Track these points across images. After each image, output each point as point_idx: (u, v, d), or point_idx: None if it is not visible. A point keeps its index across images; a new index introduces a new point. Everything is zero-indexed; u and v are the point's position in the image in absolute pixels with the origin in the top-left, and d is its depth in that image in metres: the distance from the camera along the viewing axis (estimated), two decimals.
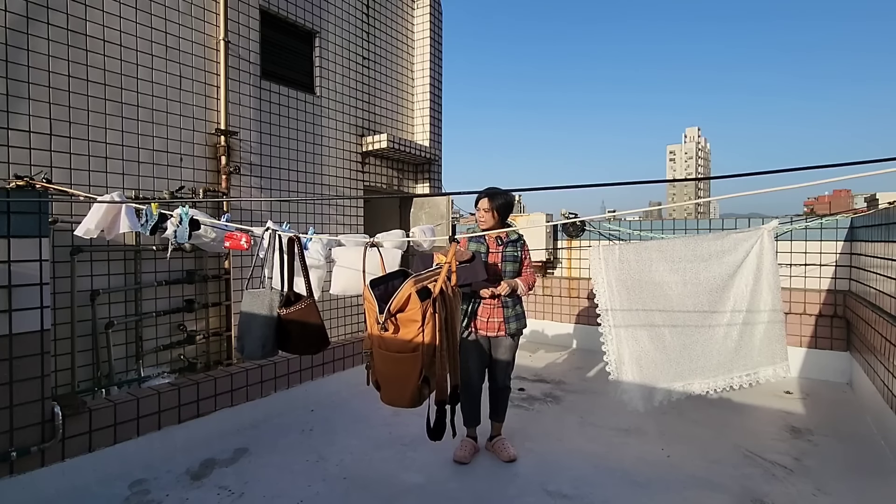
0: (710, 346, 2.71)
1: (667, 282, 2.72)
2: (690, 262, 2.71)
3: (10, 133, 3.04)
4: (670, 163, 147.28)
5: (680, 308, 2.71)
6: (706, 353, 2.70)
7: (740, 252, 2.71)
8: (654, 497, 2.60)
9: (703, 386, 2.71)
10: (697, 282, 2.70)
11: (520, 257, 3.04)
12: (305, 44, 5.09)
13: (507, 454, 2.99)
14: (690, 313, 2.71)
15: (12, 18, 3.05)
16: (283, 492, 2.64)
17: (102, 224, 2.42)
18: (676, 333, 2.71)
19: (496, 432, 3.13)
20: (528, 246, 3.13)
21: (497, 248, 2.98)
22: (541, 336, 6.19)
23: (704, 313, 2.71)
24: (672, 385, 2.69)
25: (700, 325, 2.70)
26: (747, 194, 1.66)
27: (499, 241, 3.00)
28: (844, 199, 74.07)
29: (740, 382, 2.73)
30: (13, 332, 2.35)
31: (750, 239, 2.71)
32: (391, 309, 1.73)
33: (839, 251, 4.61)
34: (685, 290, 2.71)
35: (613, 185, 1.75)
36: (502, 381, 3.06)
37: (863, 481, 2.74)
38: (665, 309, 2.70)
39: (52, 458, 2.52)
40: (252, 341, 2.14)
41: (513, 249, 3.01)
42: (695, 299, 2.70)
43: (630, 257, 2.74)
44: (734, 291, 2.72)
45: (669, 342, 2.70)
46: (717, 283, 2.71)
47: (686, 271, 2.71)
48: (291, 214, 4.79)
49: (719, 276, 2.71)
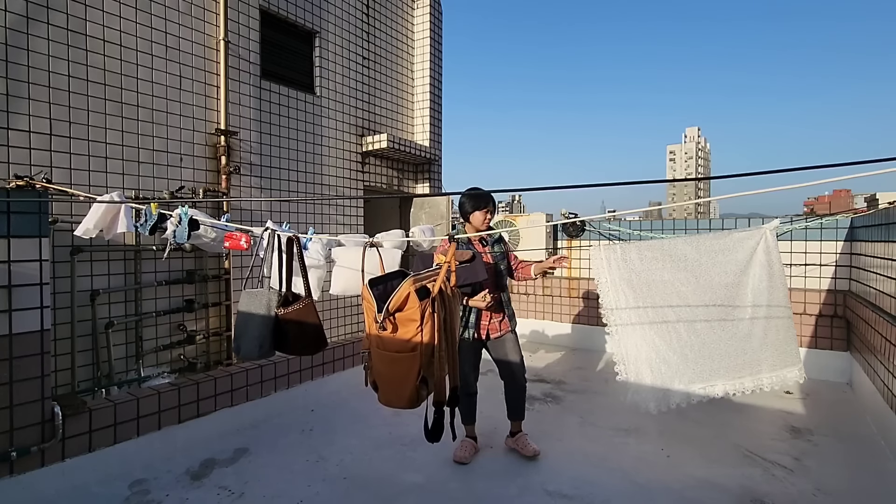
0: (733, 343, 2.60)
1: (678, 279, 2.65)
2: (697, 259, 2.65)
3: (10, 133, 3.04)
4: (670, 163, 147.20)
5: (697, 303, 2.63)
6: (729, 351, 2.60)
7: (746, 250, 2.66)
8: (653, 497, 2.60)
9: (726, 388, 2.63)
10: (710, 278, 2.62)
11: (506, 253, 3.11)
12: (305, 44, 5.09)
13: (530, 449, 3.02)
14: (709, 307, 2.62)
15: (12, 18, 3.06)
16: (283, 492, 2.64)
17: (102, 224, 2.42)
18: (694, 331, 2.61)
19: (517, 429, 3.14)
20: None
21: (484, 250, 3.01)
22: (541, 336, 6.18)
23: (723, 307, 2.62)
24: (691, 387, 2.61)
25: (721, 320, 2.61)
26: (747, 194, 1.66)
27: (483, 242, 3.03)
28: (844, 199, 74.01)
29: (769, 383, 2.66)
30: (13, 332, 2.35)
31: (753, 237, 2.68)
32: (390, 308, 1.73)
33: (839, 251, 4.60)
34: (699, 286, 2.63)
35: (613, 185, 1.75)
36: (520, 379, 3.06)
37: (863, 481, 2.74)
38: (679, 305, 2.64)
39: (52, 458, 2.53)
40: (249, 341, 2.13)
41: (500, 248, 3.07)
42: (711, 294, 2.62)
43: (633, 256, 2.73)
44: (750, 287, 2.64)
45: (686, 340, 2.62)
46: (730, 279, 2.62)
47: (696, 268, 2.65)
48: (291, 214, 4.79)
49: (731, 272, 2.63)
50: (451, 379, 1.88)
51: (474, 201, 2.95)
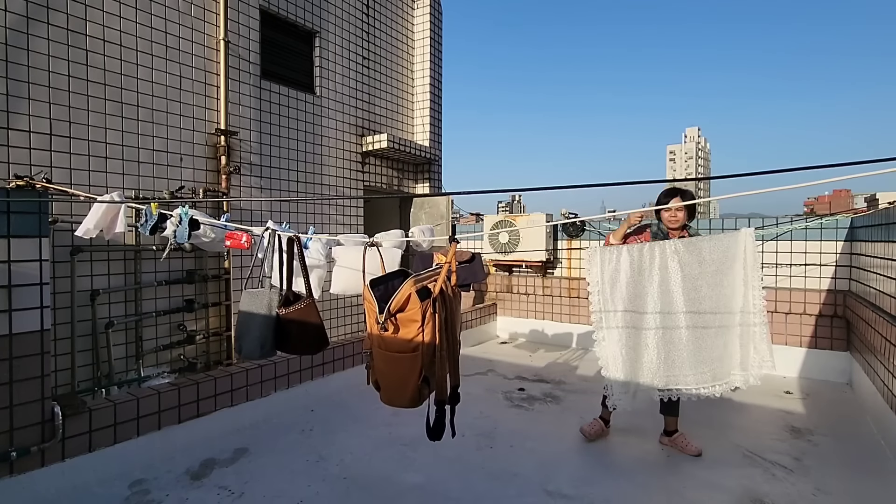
0: (701, 348, 2.71)
1: (660, 281, 2.73)
2: (683, 264, 2.72)
3: (10, 133, 3.04)
4: (670, 163, 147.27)
5: (669, 310, 2.72)
6: (693, 355, 2.71)
7: (729, 255, 2.72)
8: (653, 497, 2.60)
9: (691, 387, 2.72)
10: (694, 284, 2.71)
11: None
12: (305, 44, 5.09)
13: (693, 448, 3.01)
14: (680, 314, 2.72)
15: (12, 18, 3.06)
16: (283, 492, 2.64)
17: (102, 224, 2.42)
18: (664, 335, 2.73)
19: (675, 428, 3.13)
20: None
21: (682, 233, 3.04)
22: (541, 336, 6.18)
23: (695, 314, 2.71)
24: (654, 382, 2.72)
25: (692, 326, 2.71)
26: (747, 194, 1.66)
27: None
28: (844, 199, 74.07)
29: (731, 386, 2.74)
30: (13, 332, 2.35)
31: (736, 242, 2.72)
32: (391, 309, 1.73)
33: (839, 251, 4.60)
34: (678, 291, 2.72)
35: (613, 185, 1.75)
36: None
37: (863, 481, 2.74)
38: (654, 311, 2.74)
39: (52, 458, 2.52)
40: (251, 341, 2.14)
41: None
42: (687, 298, 2.71)
43: (624, 258, 2.79)
44: (725, 292, 2.72)
45: (655, 342, 2.74)
46: (709, 283, 2.71)
47: (679, 272, 2.72)
48: (291, 214, 4.79)
49: (711, 277, 2.71)
50: (452, 377, 1.89)
51: (664, 198, 3.04)
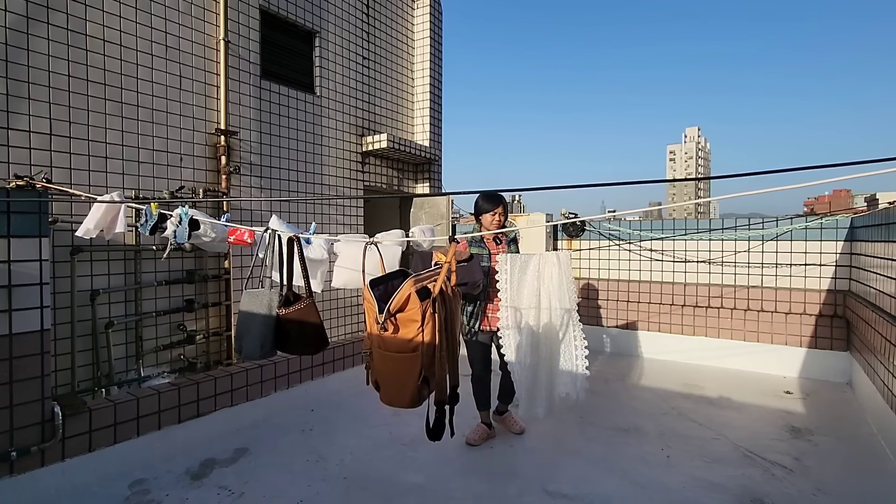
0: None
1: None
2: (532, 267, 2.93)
3: (10, 133, 3.04)
4: (670, 163, 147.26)
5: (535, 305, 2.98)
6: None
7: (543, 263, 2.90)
8: (653, 497, 2.60)
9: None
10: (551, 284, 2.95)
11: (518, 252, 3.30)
12: (305, 44, 5.09)
13: (517, 427, 3.38)
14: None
15: (12, 18, 3.05)
16: (283, 492, 2.64)
17: (102, 224, 2.42)
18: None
19: (504, 409, 3.46)
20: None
21: (498, 248, 3.21)
22: None
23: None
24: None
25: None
26: (747, 194, 1.66)
27: (497, 240, 3.24)
28: (844, 199, 74.08)
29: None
30: (13, 332, 2.35)
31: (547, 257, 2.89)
32: (391, 309, 1.73)
33: (839, 251, 4.60)
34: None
35: (613, 185, 1.75)
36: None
37: (863, 481, 2.74)
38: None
39: (52, 458, 2.52)
40: (251, 341, 2.14)
41: (514, 248, 3.30)
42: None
43: (531, 264, 2.92)
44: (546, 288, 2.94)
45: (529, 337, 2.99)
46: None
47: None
48: (291, 214, 4.79)
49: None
50: (452, 377, 1.89)
51: (484, 203, 3.18)
